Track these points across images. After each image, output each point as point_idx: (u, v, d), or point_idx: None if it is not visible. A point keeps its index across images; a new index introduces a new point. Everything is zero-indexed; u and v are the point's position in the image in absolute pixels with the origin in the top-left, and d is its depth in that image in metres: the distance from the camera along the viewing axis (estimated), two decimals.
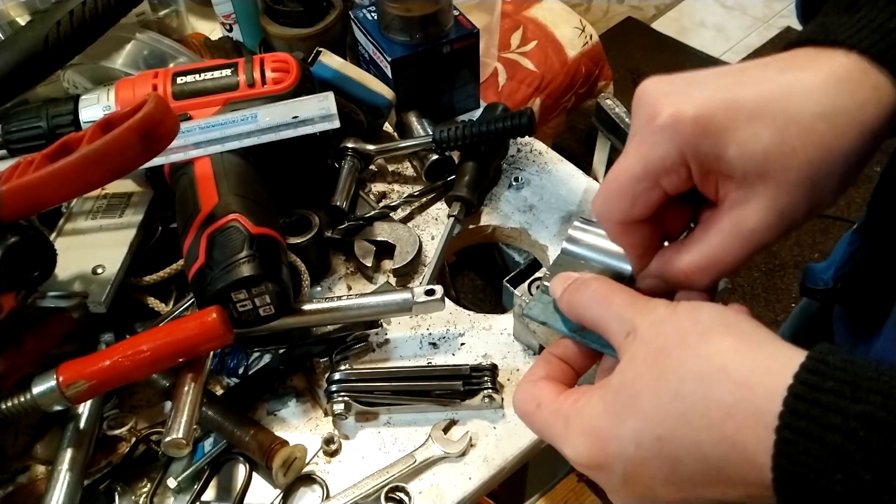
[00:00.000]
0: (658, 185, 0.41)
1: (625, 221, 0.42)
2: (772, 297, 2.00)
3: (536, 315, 0.46)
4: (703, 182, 0.41)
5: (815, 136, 0.38)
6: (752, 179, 0.39)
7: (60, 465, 0.55)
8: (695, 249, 0.41)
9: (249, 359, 0.65)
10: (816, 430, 0.29)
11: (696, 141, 0.39)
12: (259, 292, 0.57)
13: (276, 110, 0.65)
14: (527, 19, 1.71)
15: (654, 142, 0.40)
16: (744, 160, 0.38)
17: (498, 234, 0.78)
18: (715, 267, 0.41)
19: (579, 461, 0.38)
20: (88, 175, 0.51)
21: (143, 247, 0.66)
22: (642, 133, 0.41)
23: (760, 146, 0.38)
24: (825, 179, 0.38)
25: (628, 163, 0.41)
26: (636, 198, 0.41)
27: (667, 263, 0.43)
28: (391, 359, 0.65)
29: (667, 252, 0.44)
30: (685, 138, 0.39)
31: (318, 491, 0.58)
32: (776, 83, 0.39)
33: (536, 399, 0.41)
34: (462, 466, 0.59)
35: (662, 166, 0.40)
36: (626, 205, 0.42)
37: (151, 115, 0.51)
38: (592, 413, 0.37)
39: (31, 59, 0.67)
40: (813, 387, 0.30)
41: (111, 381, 0.54)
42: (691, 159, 0.40)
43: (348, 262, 0.73)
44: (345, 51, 0.86)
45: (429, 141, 0.75)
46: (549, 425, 0.40)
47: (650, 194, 0.41)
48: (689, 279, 0.42)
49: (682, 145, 0.39)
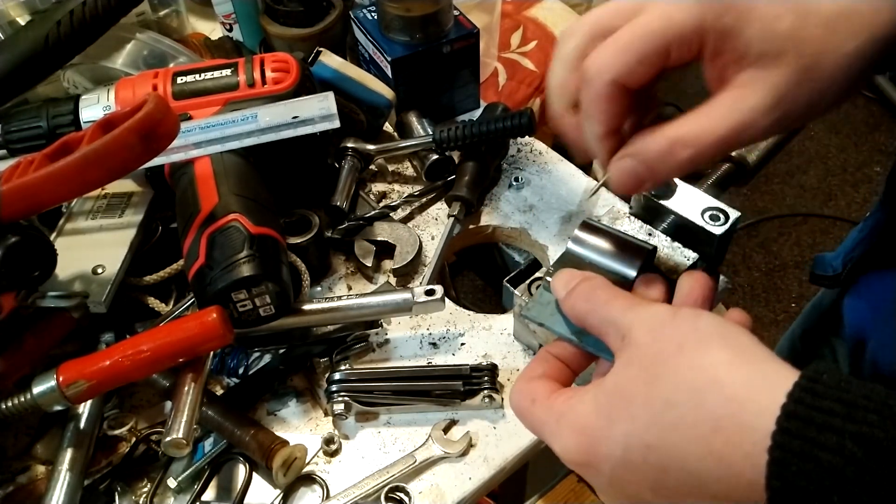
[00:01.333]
0: (668, 50, 0.40)
1: (617, 81, 0.41)
2: (772, 297, 2.00)
3: (535, 316, 0.46)
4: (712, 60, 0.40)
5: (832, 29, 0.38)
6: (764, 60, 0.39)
7: (60, 465, 0.55)
8: (684, 122, 0.41)
9: (249, 359, 0.65)
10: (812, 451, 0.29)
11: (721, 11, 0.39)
12: (259, 292, 0.57)
13: (276, 110, 0.65)
14: (527, 19, 1.71)
15: (680, 6, 0.40)
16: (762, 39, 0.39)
17: (498, 234, 0.78)
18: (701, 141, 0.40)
19: (568, 458, 0.38)
20: (88, 175, 0.51)
21: (143, 247, 0.66)
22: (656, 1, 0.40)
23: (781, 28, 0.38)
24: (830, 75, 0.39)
25: (647, 20, 0.40)
26: (645, 57, 0.40)
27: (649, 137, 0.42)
28: (391, 359, 0.65)
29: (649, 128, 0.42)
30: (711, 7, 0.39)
31: (318, 491, 0.58)
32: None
33: (531, 395, 0.41)
34: (462, 466, 0.59)
35: (681, 32, 0.40)
36: (634, 60, 0.40)
37: (151, 115, 0.51)
38: (584, 411, 0.37)
39: (31, 59, 0.67)
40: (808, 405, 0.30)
41: (111, 381, 0.54)
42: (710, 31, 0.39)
43: (348, 262, 0.73)
44: (345, 51, 0.86)
45: (429, 141, 0.75)
46: (541, 421, 0.40)
47: (658, 58, 0.40)
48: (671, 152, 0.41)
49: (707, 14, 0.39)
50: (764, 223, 2.16)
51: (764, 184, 2.26)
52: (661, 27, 0.40)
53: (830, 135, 2.40)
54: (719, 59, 0.40)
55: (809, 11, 0.38)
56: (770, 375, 0.32)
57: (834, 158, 2.33)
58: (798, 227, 2.16)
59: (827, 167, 2.31)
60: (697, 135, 0.40)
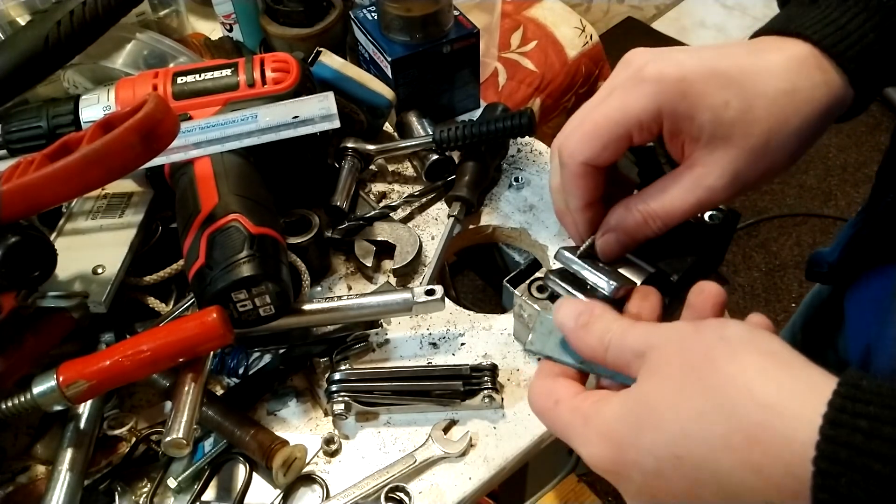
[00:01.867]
0: (629, 135, 0.45)
1: (588, 163, 0.47)
2: (772, 297, 2.00)
3: (539, 350, 0.44)
4: (671, 140, 0.46)
5: (777, 109, 0.43)
6: (717, 142, 0.44)
7: (60, 465, 0.55)
8: (654, 198, 0.46)
9: (249, 359, 0.65)
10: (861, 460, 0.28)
11: (675, 100, 0.44)
12: (259, 292, 0.57)
13: (276, 110, 0.65)
14: (527, 19, 1.71)
15: (638, 94, 0.44)
16: (713, 124, 0.44)
17: (498, 234, 0.78)
18: (669, 215, 0.46)
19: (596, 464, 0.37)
20: (88, 175, 0.51)
21: (143, 247, 0.66)
22: (625, 86, 0.45)
23: (730, 113, 0.43)
24: (780, 148, 0.44)
25: (609, 109, 0.45)
26: (609, 142, 0.46)
27: (625, 212, 0.48)
28: (391, 359, 0.65)
29: (623, 203, 0.48)
30: (666, 97, 0.44)
31: (318, 491, 0.58)
32: (749, 60, 0.44)
33: (554, 395, 0.40)
34: (462, 466, 0.59)
35: (639, 118, 0.45)
36: (598, 148, 0.46)
37: (151, 115, 0.51)
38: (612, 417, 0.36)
39: (31, 59, 0.67)
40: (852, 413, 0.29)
41: (111, 381, 0.54)
42: (667, 117, 0.45)
43: (348, 262, 0.73)
44: (345, 51, 0.86)
45: (429, 141, 0.75)
46: (566, 423, 0.39)
47: (621, 142, 0.46)
48: (645, 224, 0.47)
49: (662, 102, 0.44)
50: (764, 223, 2.16)
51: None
52: (621, 116, 0.45)
53: (830, 135, 2.40)
54: (677, 139, 0.45)
55: (759, 93, 0.43)
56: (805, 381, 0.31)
57: (834, 158, 2.33)
58: (798, 227, 2.16)
59: (827, 167, 2.31)
60: (666, 211, 0.46)
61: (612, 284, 0.51)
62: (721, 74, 0.43)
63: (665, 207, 0.46)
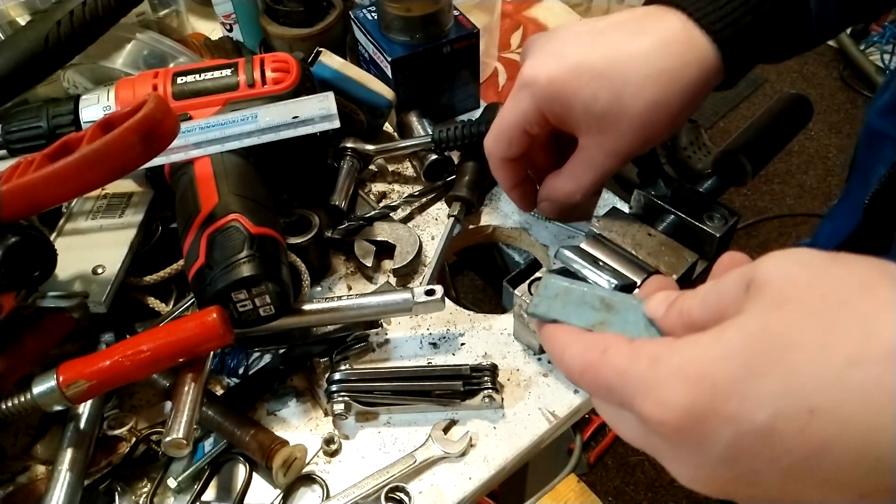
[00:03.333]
0: (526, 132, 0.54)
1: (503, 159, 0.58)
2: None
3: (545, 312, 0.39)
4: (562, 127, 0.53)
5: (645, 95, 0.48)
6: (593, 130, 0.51)
7: (60, 465, 0.55)
8: (566, 179, 0.56)
9: (249, 359, 0.65)
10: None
11: (549, 100, 0.51)
12: (259, 292, 0.57)
13: (276, 110, 0.65)
14: (527, 19, 1.71)
15: (520, 99, 0.52)
16: (586, 117, 0.50)
17: (498, 234, 0.78)
18: (580, 190, 0.56)
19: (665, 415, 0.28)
20: (88, 175, 0.51)
21: (143, 247, 0.66)
22: (513, 90, 0.53)
23: (599, 106, 0.49)
24: (653, 127, 0.50)
25: (505, 112, 0.54)
26: (511, 141, 0.55)
27: (550, 189, 0.58)
28: (391, 359, 0.65)
29: (549, 180, 0.58)
30: (541, 98, 0.51)
31: (318, 491, 0.58)
32: (619, 48, 0.49)
33: (601, 344, 0.33)
34: (462, 466, 0.59)
35: (526, 119, 0.53)
36: (504, 146, 0.56)
37: (151, 115, 0.51)
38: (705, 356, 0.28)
39: (31, 59, 0.67)
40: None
41: (111, 381, 0.54)
42: (547, 113, 0.52)
43: (348, 262, 0.73)
44: (345, 51, 0.86)
45: (428, 141, 0.75)
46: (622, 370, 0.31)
47: (521, 139, 0.55)
48: (567, 198, 0.57)
49: (540, 103, 0.51)
50: (764, 223, 2.16)
51: (764, 184, 2.26)
52: (514, 119, 0.54)
53: (830, 135, 2.40)
54: (565, 127, 0.53)
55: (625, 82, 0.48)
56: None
57: (834, 158, 2.33)
58: (798, 227, 2.16)
59: (827, 167, 2.31)
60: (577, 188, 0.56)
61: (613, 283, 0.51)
62: (589, 68, 0.49)
63: (575, 186, 0.55)
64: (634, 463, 1.76)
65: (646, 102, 0.48)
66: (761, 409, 0.26)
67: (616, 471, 1.76)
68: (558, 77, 0.50)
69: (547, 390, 0.62)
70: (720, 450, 0.28)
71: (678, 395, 0.28)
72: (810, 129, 2.38)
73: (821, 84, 2.57)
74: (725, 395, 0.27)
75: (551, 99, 0.50)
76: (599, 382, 0.32)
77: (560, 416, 0.61)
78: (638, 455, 1.77)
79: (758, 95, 2.52)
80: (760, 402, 0.26)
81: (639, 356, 0.30)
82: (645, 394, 0.29)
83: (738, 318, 0.28)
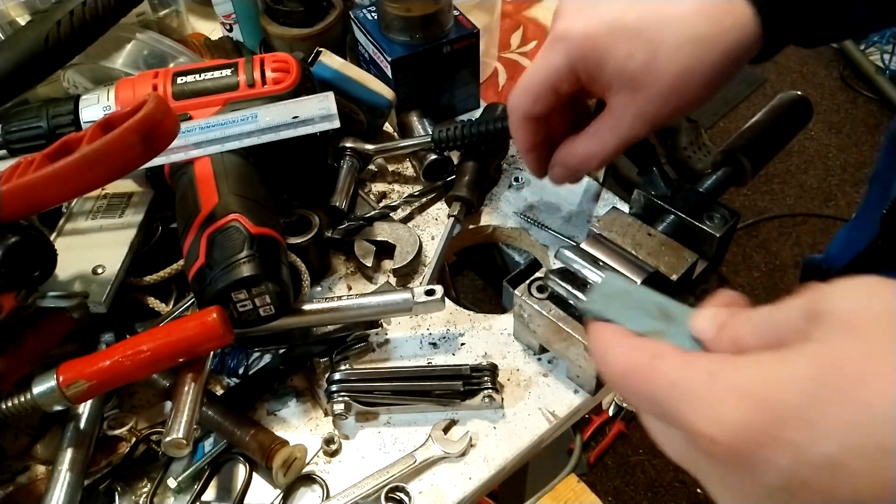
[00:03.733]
0: (554, 89, 0.52)
1: (527, 117, 0.55)
2: (772, 297, 1.98)
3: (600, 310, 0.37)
4: (591, 87, 0.52)
5: (680, 58, 0.47)
6: (625, 90, 0.49)
7: (60, 465, 0.55)
8: (586, 142, 0.54)
9: (249, 359, 0.65)
10: None
11: (583, 56, 0.49)
12: (259, 292, 0.57)
13: (276, 110, 0.65)
14: (527, 19, 1.71)
15: (553, 54, 0.51)
16: (619, 75, 0.49)
17: (498, 234, 0.78)
18: (600, 155, 0.54)
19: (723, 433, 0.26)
20: (88, 175, 0.51)
21: (143, 247, 0.66)
22: (545, 45, 0.52)
23: (633, 65, 0.48)
24: (686, 91, 0.48)
25: (534, 69, 0.53)
26: (537, 98, 0.53)
27: (567, 153, 0.56)
28: (391, 359, 0.65)
29: (566, 144, 0.56)
30: (575, 54, 0.49)
31: (318, 491, 0.58)
32: (657, 10, 0.47)
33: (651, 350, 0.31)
34: (462, 466, 0.59)
35: (557, 75, 0.51)
36: (530, 102, 0.54)
37: (151, 115, 0.51)
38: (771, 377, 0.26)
39: (31, 59, 0.67)
40: None
41: (111, 381, 0.54)
42: (580, 71, 0.50)
43: (348, 262, 0.73)
44: (345, 51, 0.86)
45: (427, 141, 0.75)
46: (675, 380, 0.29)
47: (548, 97, 0.53)
48: (584, 163, 0.55)
49: (573, 59, 0.50)
50: (764, 223, 2.17)
51: (764, 184, 2.26)
52: (544, 75, 0.52)
53: (830, 135, 2.40)
54: (596, 87, 0.51)
55: (661, 44, 0.47)
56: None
57: (834, 158, 2.33)
58: (798, 227, 2.16)
59: (827, 167, 2.31)
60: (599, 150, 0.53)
61: None
62: (625, 27, 0.47)
63: (597, 148, 0.53)
64: (634, 463, 1.77)
65: (681, 66, 0.47)
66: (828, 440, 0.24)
67: (616, 471, 1.76)
68: (594, 33, 0.48)
69: (547, 390, 0.62)
70: (773, 478, 0.25)
71: (735, 413, 0.26)
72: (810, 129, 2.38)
73: (821, 84, 2.57)
74: (788, 420, 0.25)
75: (585, 55, 0.49)
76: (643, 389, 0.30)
77: (560, 416, 0.61)
78: (638, 455, 1.77)
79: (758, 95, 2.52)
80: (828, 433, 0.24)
81: (694, 369, 0.29)
82: (698, 409, 0.27)
83: (807, 345, 0.27)
